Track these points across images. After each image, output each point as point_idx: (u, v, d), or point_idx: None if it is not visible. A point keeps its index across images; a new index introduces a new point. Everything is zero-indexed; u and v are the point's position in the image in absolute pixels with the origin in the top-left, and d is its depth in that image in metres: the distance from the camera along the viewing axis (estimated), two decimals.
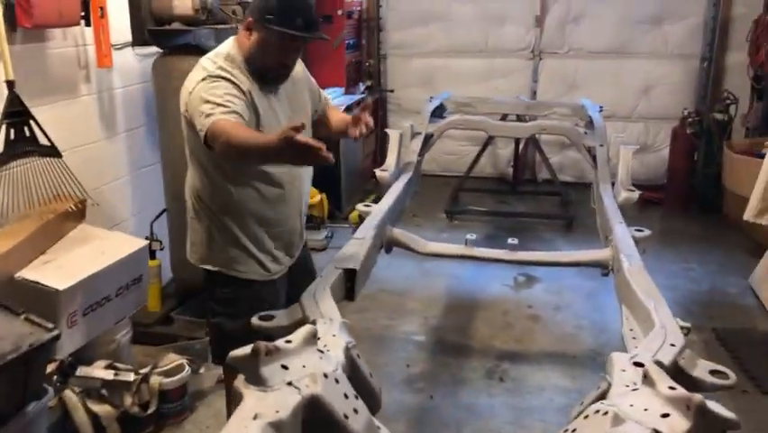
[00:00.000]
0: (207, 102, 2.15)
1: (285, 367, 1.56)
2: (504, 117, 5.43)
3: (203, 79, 2.25)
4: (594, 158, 4.21)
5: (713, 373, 1.93)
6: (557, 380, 3.39)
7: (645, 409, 1.46)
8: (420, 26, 6.81)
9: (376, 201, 3.48)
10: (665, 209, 6.09)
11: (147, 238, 3.61)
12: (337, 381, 1.59)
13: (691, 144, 5.94)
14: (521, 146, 6.35)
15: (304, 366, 1.59)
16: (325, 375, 1.56)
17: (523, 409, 3.17)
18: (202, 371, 3.27)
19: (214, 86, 2.21)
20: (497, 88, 6.66)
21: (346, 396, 1.58)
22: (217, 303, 2.58)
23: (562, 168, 6.70)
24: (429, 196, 5.60)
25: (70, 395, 2.72)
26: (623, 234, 3.07)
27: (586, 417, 1.51)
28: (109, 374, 2.82)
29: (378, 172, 3.72)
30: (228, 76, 2.25)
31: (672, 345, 2.12)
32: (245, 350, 1.54)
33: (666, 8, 6.39)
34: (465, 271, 4.65)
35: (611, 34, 6.51)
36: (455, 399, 3.24)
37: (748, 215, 4.47)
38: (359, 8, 6.58)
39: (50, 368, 2.65)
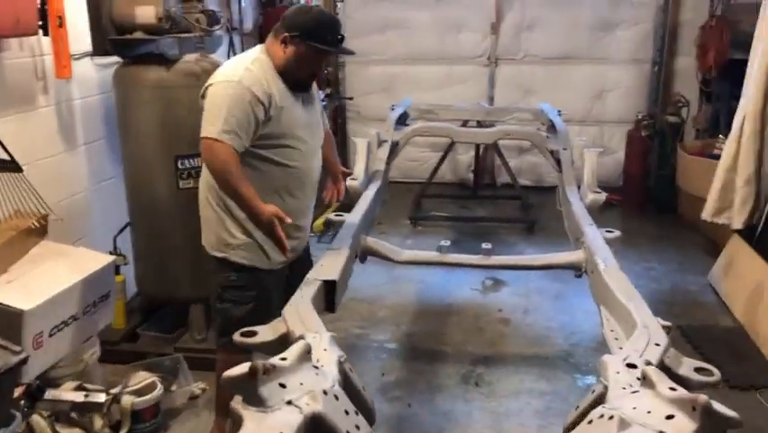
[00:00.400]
0: (221, 113, 2.39)
1: (283, 386, 1.52)
2: (464, 123, 5.47)
3: (228, 81, 2.45)
4: (558, 161, 4.27)
5: (698, 370, 1.97)
6: (532, 383, 3.42)
7: (649, 412, 1.47)
8: (378, 34, 6.81)
9: (342, 210, 3.48)
10: (623, 210, 6.21)
11: (110, 253, 3.51)
12: (336, 397, 1.56)
13: (646, 147, 6.09)
14: (481, 152, 6.40)
15: (301, 384, 1.55)
16: (325, 392, 1.53)
17: (500, 413, 3.17)
18: (174, 388, 3.18)
19: (243, 101, 2.41)
20: (455, 95, 6.71)
21: (347, 412, 1.55)
22: (224, 289, 2.72)
23: (521, 172, 6.78)
24: (392, 202, 5.60)
25: (38, 420, 2.60)
26: (594, 235, 3.12)
27: (590, 422, 1.51)
28: (79, 396, 2.71)
29: (348, 181, 3.69)
30: (252, 85, 2.43)
31: (657, 344, 2.15)
32: (241, 369, 1.49)
33: (618, 15, 6.54)
34: (433, 276, 4.66)
35: (565, 40, 6.64)
36: (433, 406, 3.23)
37: (706, 214, 4.60)
38: None
39: (17, 392, 2.53)
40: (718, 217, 4.56)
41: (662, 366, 1.99)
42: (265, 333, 2.17)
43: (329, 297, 2.59)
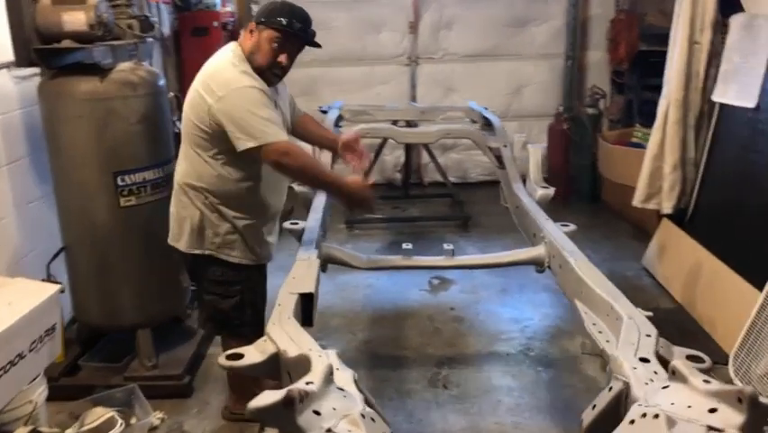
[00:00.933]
0: (265, 116, 2.51)
1: (317, 412, 1.42)
2: (394, 123, 5.44)
3: (238, 89, 2.53)
4: (498, 158, 4.31)
5: (690, 358, 2.00)
6: (499, 380, 3.42)
7: (689, 407, 1.46)
8: None
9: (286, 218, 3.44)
10: (549, 202, 6.36)
11: (44, 280, 3.23)
12: (373, 419, 1.48)
13: (567, 139, 6.27)
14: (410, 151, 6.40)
15: (334, 408, 1.46)
16: (363, 416, 1.44)
17: (474, 414, 3.15)
18: (133, 421, 2.96)
19: (259, 98, 2.54)
20: (378, 95, 6.69)
21: None
22: (209, 283, 2.82)
23: (447, 169, 6.80)
24: None
25: None
26: (554, 230, 3.15)
27: (632, 422, 1.48)
28: None
29: (297, 188, 3.58)
30: (259, 86, 2.58)
31: (648, 335, 2.19)
32: (273, 398, 1.38)
33: (530, 11, 6.71)
34: (379, 280, 4.61)
35: (482, 38, 6.74)
36: (406, 413, 3.17)
37: (636, 201, 4.77)
38: (233, 19, 6.33)
39: None
40: (648, 203, 4.74)
41: (657, 357, 2.01)
42: (252, 355, 2.05)
43: (306, 310, 2.47)
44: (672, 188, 4.58)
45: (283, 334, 2.12)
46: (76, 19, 2.92)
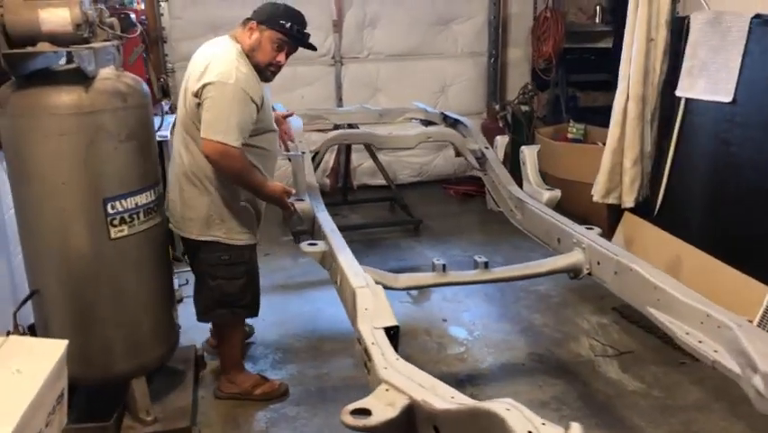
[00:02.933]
0: (227, 117, 2.71)
1: None
2: (351, 127, 5.16)
3: (225, 83, 2.72)
4: (479, 160, 4.17)
5: None
6: (529, 394, 3.27)
7: None
8: (211, 35, 6.06)
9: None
10: (483, 201, 6.31)
11: (10, 333, 2.66)
12: None
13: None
14: (344, 155, 6.12)
15: None
16: None
17: None
18: None
19: (243, 102, 2.75)
20: (303, 97, 6.37)
21: None
22: (216, 268, 3.00)
23: (375, 172, 6.61)
24: None
25: None
26: (591, 234, 3.05)
27: None
28: None
29: (297, 204, 3.24)
30: (246, 86, 2.75)
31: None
32: None
33: (453, 10, 6.66)
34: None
35: (406, 37, 6.60)
36: None
37: (597, 196, 4.81)
38: (144, 18, 5.73)
39: None
40: (608, 198, 4.80)
41: None
42: (382, 410, 1.76)
43: (393, 343, 2.19)
44: (633, 182, 4.66)
45: (405, 380, 1.84)
46: (57, 17, 2.41)
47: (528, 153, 3.80)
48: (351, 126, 4.89)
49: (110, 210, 2.66)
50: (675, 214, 4.40)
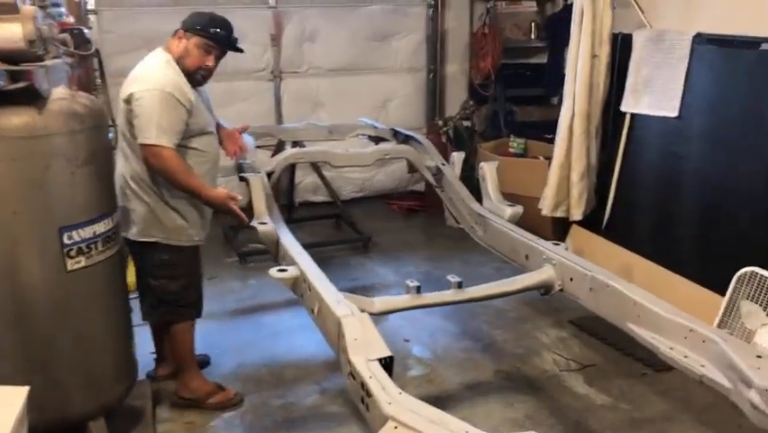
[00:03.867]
0: (157, 121, 2.81)
1: None
2: (296, 144, 5.04)
3: (151, 90, 2.84)
4: (435, 177, 4.14)
5: None
6: (501, 413, 3.24)
7: None
8: (144, 50, 5.81)
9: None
10: (428, 216, 6.35)
11: None
12: None
13: (446, 151, 6.27)
14: (289, 171, 5.97)
15: None
16: None
17: None
18: None
19: (170, 106, 2.85)
20: (239, 113, 6.12)
21: None
22: (157, 268, 3.08)
23: (317, 188, 6.51)
24: None
25: None
26: (561, 251, 3.06)
27: None
28: None
29: (259, 227, 3.11)
30: (174, 90, 2.87)
31: (759, 356, 2.16)
32: None
33: (391, 25, 6.64)
34: (305, 319, 4.16)
35: (346, 51, 6.53)
36: None
37: (546, 210, 4.89)
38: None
39: None
40: (556, 212, 4.88)
41: None
42: None
43: (388, 373, 2.12)
44: (581, 195, 4.77)
45: (416, 415, 1.77)
46: (9, 33, 2.21)
47: (488, 169, 3.80)
48: (296, 144, 4.79)
49: (66, 240, 2.47)
50: (624, 226, 4.51)
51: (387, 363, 2.08)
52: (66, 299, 2.51)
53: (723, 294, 3.59)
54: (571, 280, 2.93)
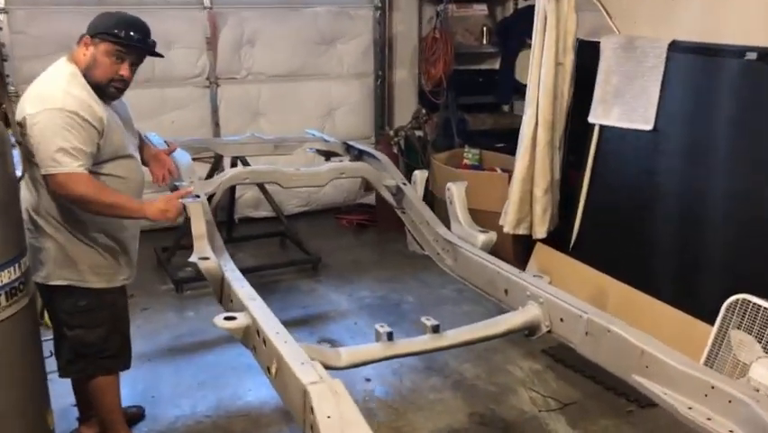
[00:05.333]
0: (60, 145, 2.38)
1: None
2: (237, 159, 4.58)
3: (50, 109, 2.39)
4: (395, 197, 3.76)
5: None
6: None
7: None
8: (63, 53, 5.28)
9: None
10: (379, 231, 5.99)
11: None
12: None
13: (397, 163, 5.91)
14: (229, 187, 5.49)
15: None
16: None
17: None
18: None
19: (75, 127, 2.41)
20: (174, 122, 5.70)
21: None
22: (72, 316, 2.65)
23: (259, 203, 6.04)
24: None
25: None
26: (547, 287, 2.72)
27: None
28: None
29: (201, 264, 2.65)
30: (78, 108, 2.42)
31: None
32: None
33: (337, 28, 6.26)
34: (241, 357, 3.66)
35: (289, 56, 6.11)
36: None
37: (507, 227, 4.58)
38: None
39: None
40: (518, 229, 4.58)
41: None
42: None
43: None
44: (545, 211, 4.49)
45: None
46: None
47: (456, 191, 3.43)
48: (237, 160, 4.33)
49: None
50: (594, 245, 4.24)
51: None
52: None
53: (706, 320, 3.36)
54: (562, 321, 2.59)
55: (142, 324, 4.10)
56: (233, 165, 4.95)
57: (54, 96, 2.41)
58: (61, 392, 2.87)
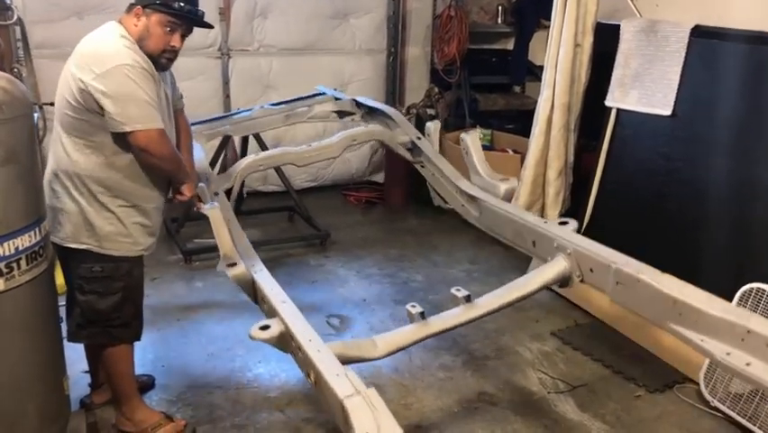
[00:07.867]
0: (145, 99, 2.40)
1: None
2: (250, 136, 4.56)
3: (121, 65, 2.37)
4: (411, 152, 3.72)
5: None
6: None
7: None
8: (75, 18, 5.29)
9: None
10: (387, 209, 5.98)
11: None
12: None
13: None
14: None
15: None
16: None
17: None
18: None
19: (143, 76, 2.41)
20: (185, 92, 5.56)
21: None
22: (86, 281, 2.61)
23: (267, 177, 6.03)
24: None
25: None
26: (575, 237, 2.70)
27: None
28: None
29: (230, 271, 2.63)
30: (144, 63, 2.44)
31: None
32: None
33: (350, 3, 6.17)
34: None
35: (301, 30, 6.03)
36: None
37: None
38: None
39: None
40: (530, 210, 4.55)
41: None
42: None
43: None
44: (558, 194, 4.48)
45: None
46: None
47: (471, 140, 3.40)
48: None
49: (6, 251, 1.96)
50: (606, 229, 4.18)
51: None
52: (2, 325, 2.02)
53: None
54: (592, 271, 2.56)
55: (152, 294, 4.08)
56: (245, 139, 4.96)
57: (119, 53, 2.40)
58: (74, 358, 2.88)
